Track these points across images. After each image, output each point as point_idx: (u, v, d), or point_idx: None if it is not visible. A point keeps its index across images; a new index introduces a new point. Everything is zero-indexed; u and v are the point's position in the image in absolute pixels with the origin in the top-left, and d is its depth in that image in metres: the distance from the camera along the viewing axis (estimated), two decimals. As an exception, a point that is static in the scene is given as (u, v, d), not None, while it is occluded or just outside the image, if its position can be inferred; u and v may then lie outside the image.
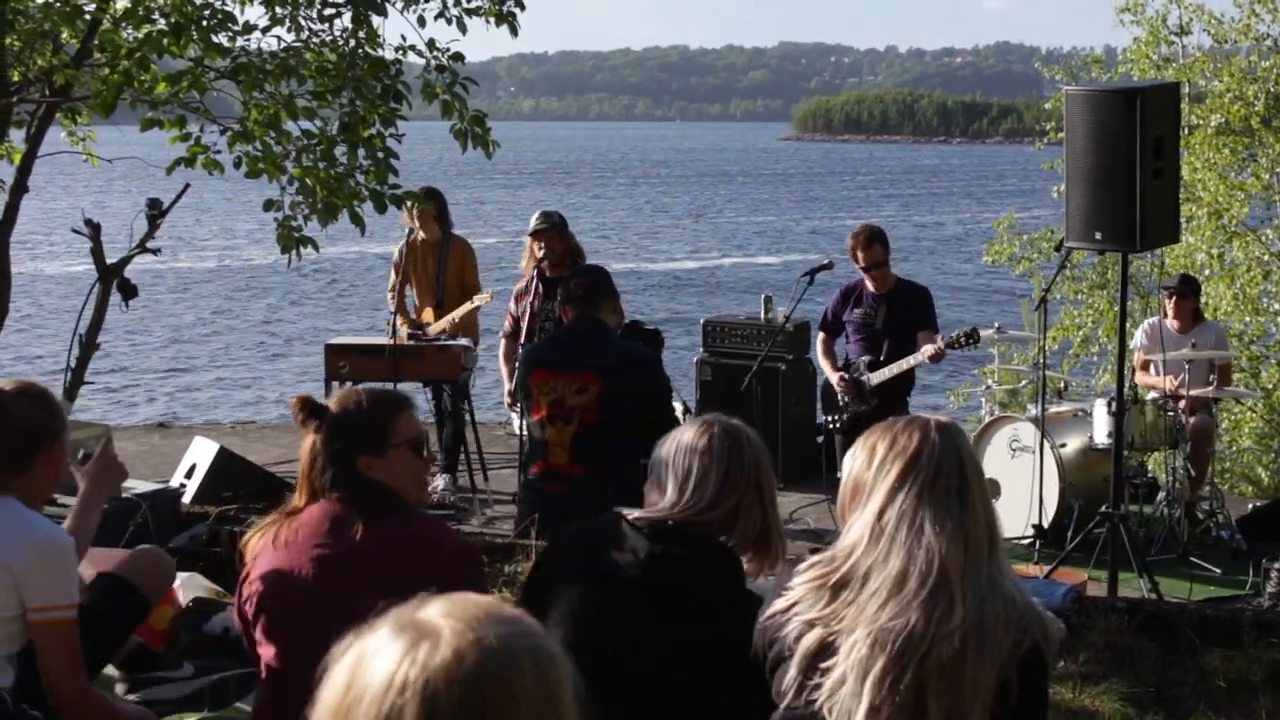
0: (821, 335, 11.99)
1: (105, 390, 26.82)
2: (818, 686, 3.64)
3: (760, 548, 4.46)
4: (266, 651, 4.79)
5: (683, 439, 4.52)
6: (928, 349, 11.09)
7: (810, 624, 3.69)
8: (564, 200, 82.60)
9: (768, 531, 4.46)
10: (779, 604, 3.78)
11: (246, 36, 9.47)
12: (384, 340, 11.53)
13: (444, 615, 2.09)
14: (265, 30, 9.48)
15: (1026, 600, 3.71)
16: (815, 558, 3.78)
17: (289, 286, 43.92)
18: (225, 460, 11.02)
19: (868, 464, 3.78)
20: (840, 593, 3.68)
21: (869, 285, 11.58)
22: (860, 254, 11.53)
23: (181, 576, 7.81)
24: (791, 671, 3.71)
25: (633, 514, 4.47)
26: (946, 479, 3.68)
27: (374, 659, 2.07)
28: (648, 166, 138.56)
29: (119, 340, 32.35)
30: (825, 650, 3.66)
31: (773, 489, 4.51)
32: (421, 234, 12.00)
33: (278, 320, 39.22)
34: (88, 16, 9.26)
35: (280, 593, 4.73)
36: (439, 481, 11.78)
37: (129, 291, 9.80)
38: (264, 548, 4.88)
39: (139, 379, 29.65)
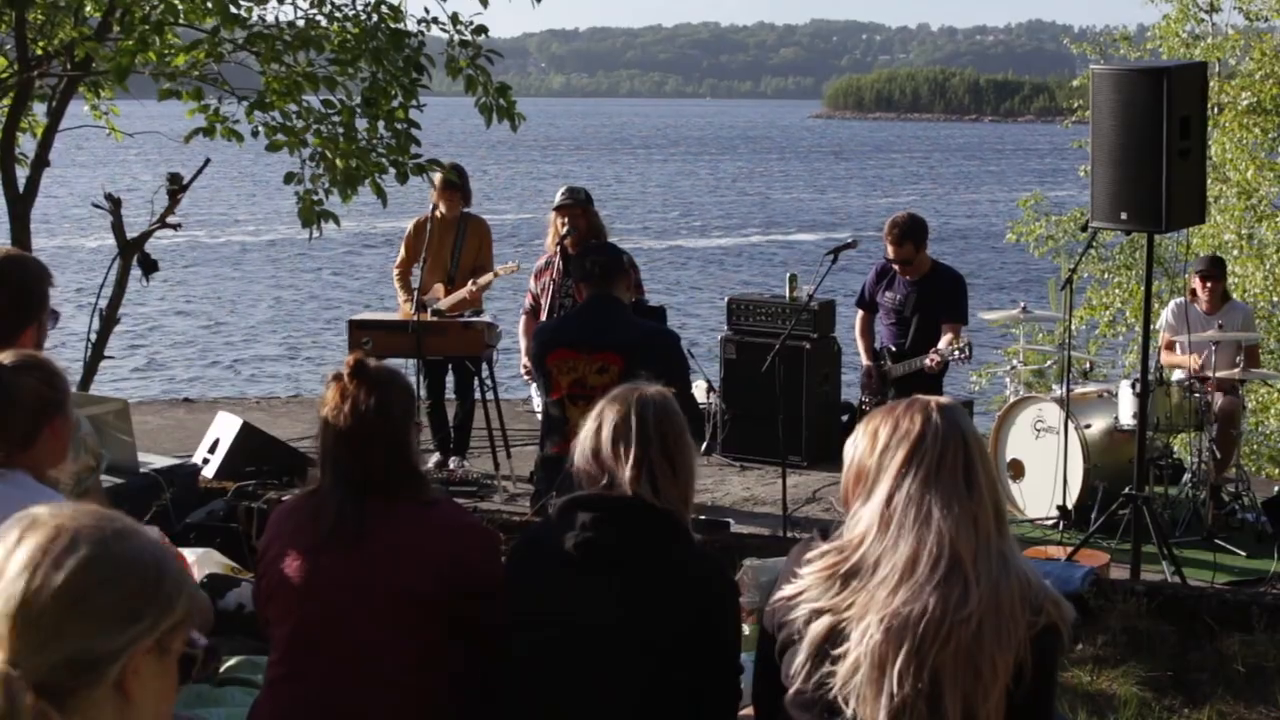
0: (860, 314, 11.97)
1: (130, 364, 26.87)
2: (830, 674, 3.62)
3: None
4: (280, 630, 4.78)
5: None
6: (925, 359, 11.12)
7: (819, 611, 3.66)
8: (592, 175, 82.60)
9: None
10: (787, 590, 3.76)
11: (264, 6, 9.47)
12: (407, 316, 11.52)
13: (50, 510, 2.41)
14: (282, 1, 9.49)
15: (1039, 579, 3.68)
16: (825, 546, 3.75)
17: (317, 260, 43.98)
18: (249, 435, 11.03)
19: (870, 449, 3.74)
20: (850, 581, 3.65)
21: (901, 271, 11.54)
22: (890, 248, 11.48)
23: (197, 552, 7.80)
24: (800, 656, 3.68)
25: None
26: (952, 461, 3.65)
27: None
28: (685, 144, 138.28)
29: (146, 313, 32.43)
30: (835, 637, 3.63)
31: None
32: (445, 210, 11.92)
33: (306, 293, 39.25)
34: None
35: (293, 574, 4.71)
36: (450, 461, 11.81)
37: (149, 266, 9.81)
38: (281, 523, 4.86)
39: (165, 352, 29.69)
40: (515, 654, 4.55)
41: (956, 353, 11.14)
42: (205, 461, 10.91)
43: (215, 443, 11.10)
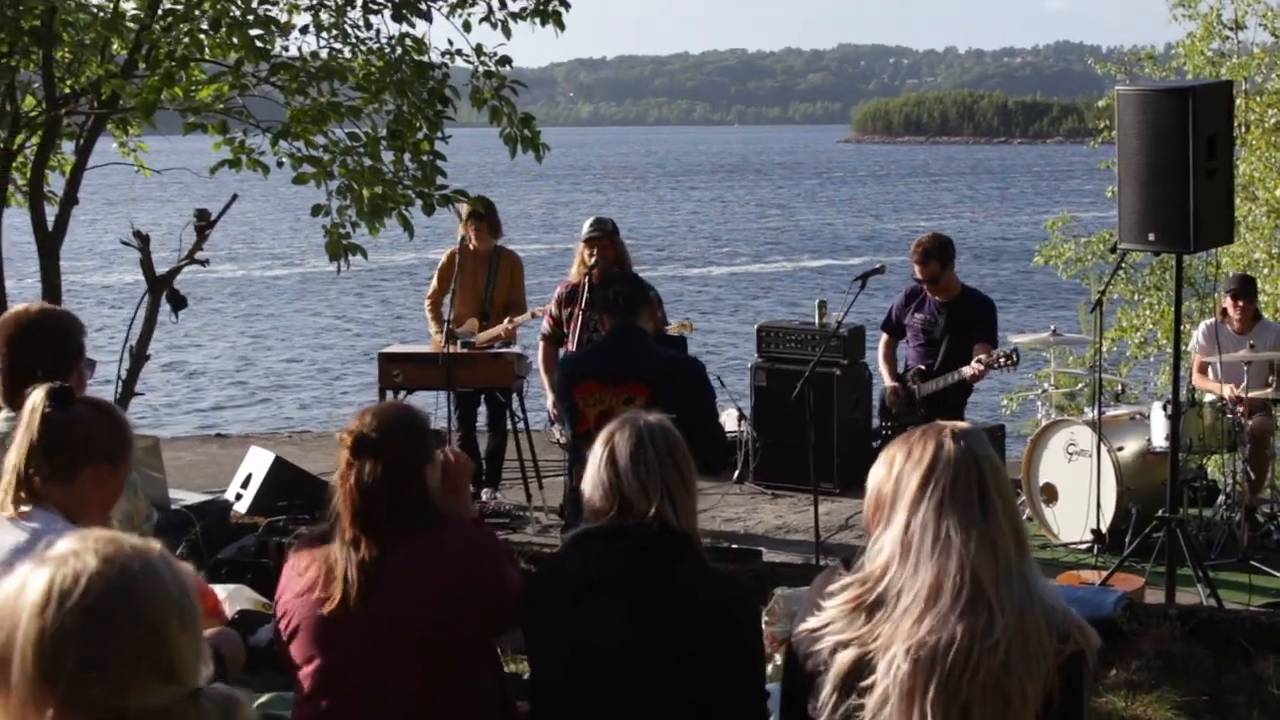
0: (884, 337, 11.95)
1: (164, 399, 26.92)
2: (858, 706, 3.60)
3: None
4: (302, 670, 4.79)
5: None
6: (967, 369, 11.08)
7: (845, 643, 3.66)
8: (624, 204, 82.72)
9: None
10: (812, 622, 3.75)
11: (286, 38, 9.51)
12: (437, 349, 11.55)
13: (78, 542, 2.43)
14: (304, 31, 9.51)
15: (1063, 605, 3.67)
16: (849, 578, 3.74)
17: (348, 293, 44.07)
18: (281, 470, 11.07)
19: (887, 478, 3.75)
20: (875, 613, 3.64)
21: (931, 293, 11.54)
22: (916, 268, 11.50)
23: (228, 588, 7.81)
24: (827, 688, 3.67)
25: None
26: (965, 486, 3.64)
27: (24, 588, 2.35)
28: (718, 172, 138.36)
29: (180, 348, 32.53)
30: (861, 669, 3.62)
31: None
32: (475, 243, 11.93)
33: (334, 328, 39.34)
34: (132, 24, 9.29)
35: (316, 609, 4.74)
36: (483, 493, 11.80)
37: (178, 302, 9.82)
38: (297, 564, 4.88)
39: (198, 388, 29.76)
40: (532, 682, 4.61)
41: (1002, 359, 11.10)
42: (238, 497, 10.94)
43: (248, 478, 11.14)
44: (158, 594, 2.40)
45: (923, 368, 11.54)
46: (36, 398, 4.50)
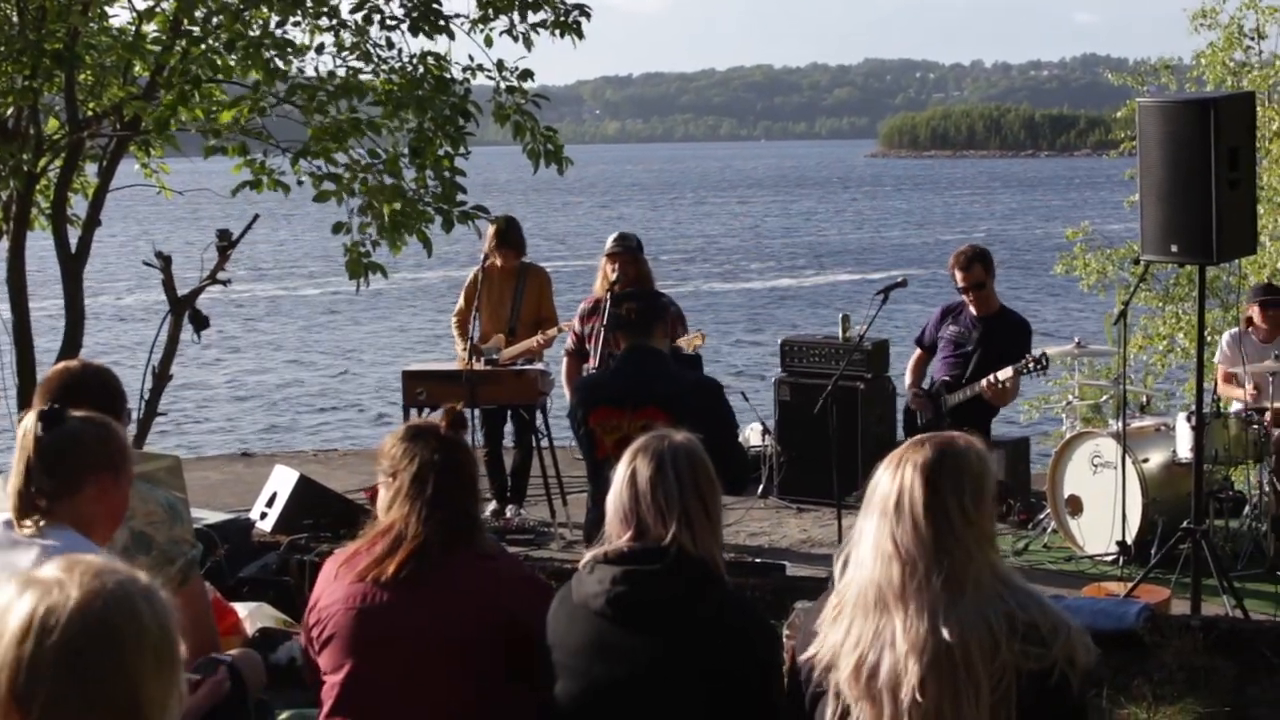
0: (917, 351, 11.96)
1: (189, 419, 26.99)
2: None
3: None
4: (332, 678, 4.80)
5: None
6: (993, 375, 11.04)
7: (833, 664, 3.70)
8: (651, 220, 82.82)
9: None
10: (810, 650, 3.77)
11: (302, 58, 9.55)
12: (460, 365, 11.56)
13: (64, 570, 2.44)
14: (320, 50, 9.56)
15: (1050, 618, 3.63)
16: (833, 596, 3.79)
17: (374, 310, 44.15)
18: (306, 488, 11.08)
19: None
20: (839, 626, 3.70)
21: (970, 307, 11.53)
22: (959, 274, 11.47)
23: (249, 606, 7.84)
24: (829, 710, 3.72)
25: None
26: (901, 501, 3.65)
27: (7, 612, 2.39)
28: (747, 187, 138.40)
29: (204, 367, 32.62)
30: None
31: None
32: (499, 260, 11.94)
33: (362, 346, 39.41)
34: (154, 46, 9.34)
35: (350, 620, 4.75)
36: (507, 509, 11.80)
37: (200, 322, 9.88)
38: (336, 572, 4.88)
39: (224, 407, 29.83)
40: (552, 707, 4.58)
41: (1031, 364, 11.07)
42: (263, 515, 10.96)
43: (273, 496, 11.16)
44: (133, 635, 2.43)
45: (948, 379, 11.52)
46: (28, 421, 4.54)
